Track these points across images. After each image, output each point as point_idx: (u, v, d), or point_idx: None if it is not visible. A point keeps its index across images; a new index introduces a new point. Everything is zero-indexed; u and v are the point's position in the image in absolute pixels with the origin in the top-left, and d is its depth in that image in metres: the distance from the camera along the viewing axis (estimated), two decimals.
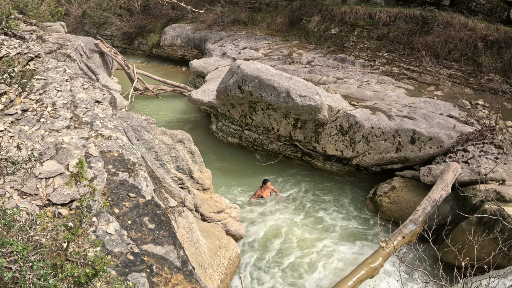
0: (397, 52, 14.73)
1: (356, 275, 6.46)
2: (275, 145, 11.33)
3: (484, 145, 8.57)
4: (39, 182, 4.24)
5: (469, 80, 13.28)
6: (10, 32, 7.78)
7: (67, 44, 12.05)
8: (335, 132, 9.99)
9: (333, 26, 17.06)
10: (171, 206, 6.27)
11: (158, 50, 22.44)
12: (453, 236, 7.35)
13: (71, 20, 26.26)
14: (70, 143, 4.99)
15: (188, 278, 4.01)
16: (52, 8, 13.21)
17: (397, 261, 7.07)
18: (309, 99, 9.64)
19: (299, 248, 7.90)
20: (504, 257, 6.60)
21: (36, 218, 3.42)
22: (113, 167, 4.83)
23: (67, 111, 5.69)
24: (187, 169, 7.87)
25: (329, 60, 15.47)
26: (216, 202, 8.14)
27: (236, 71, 10.67)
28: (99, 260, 3.15)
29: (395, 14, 15.35)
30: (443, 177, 7.97)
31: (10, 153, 4.38)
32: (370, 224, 8.74)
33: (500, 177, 8.09)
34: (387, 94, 12.02)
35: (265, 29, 19.50)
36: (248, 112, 11.03)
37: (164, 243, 4.18)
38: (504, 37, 13.03)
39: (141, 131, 7.52)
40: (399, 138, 9.28)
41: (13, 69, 5.79)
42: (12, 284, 2.81)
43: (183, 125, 13.32)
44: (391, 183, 9.15)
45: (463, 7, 14.92)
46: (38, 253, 3.10)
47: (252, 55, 16.30)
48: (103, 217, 4.11)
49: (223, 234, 7.32)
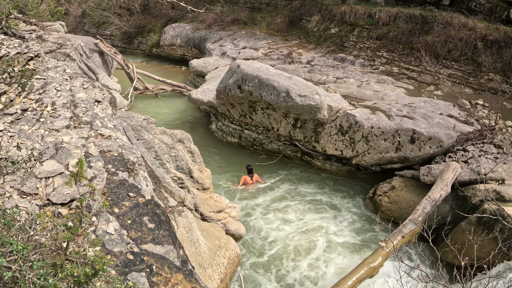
0: (397, 52, 14.74)
1: (355, 275, 6.46)
2: (274, 145, 11.33)
3: (483, 144, 8.57)
4: (39, 182, 4.24)
5: (469, 79, 13.29)
6: (9, 31, 7.77)
7: (66, 44, 12.04)
8: (334, 131, 9.99)
9: (333, 25, 17.06)
10: (170, 205, 6.27)
11: (158, 50, 22.44)
12: (452, 235, 7.35)
13: (70, 19, 26.24)
14: (69, 142, 4.98)
15: (188, 277, 4.01)
16: (52, 8, 13.20)
17: (397, 261, 7.07)
18: (308, 98, 9.64)
19: (298, 248, 7.90)
20: (503, 257, 6.60)
21: (36, 217, 3.42)
22: (112, 166, 4.83)
23: (67, 111, 5.69)
24: (186, 169, 7.87)
25: (329, 60, 15.47)
26: (216, 201, 8.14)
27: (236, 70, 10.67)
28: (99, 259, 3.15)
29: (394, 13, 15.35)
30: (443, 177, 7.98)
31: (10, 153, 4.38)
32: (369, 224, 8.74)
33: (500, 177, 8.09)
34: (387, 94, 12.03)
35: (264, 29, 19.50)
36: (247, 112, 11.03)
37: (164, 242, 4.18)
38: (504, 37, 13.04)
39: (140, 131, 7.52)
40: (398, 138, 9.29)
41: (12, 68, 5.78)
42: (12, 283, 2.81)
43: (182, 124, 13.31)
44: (390, 183, 9.15)
45: (463, 6, 14.93)
46: (38, 252, 3.10)
47: (251, 55, 16.30)
48: (103, 216, 4.11)
49: (222, 234, 7.32)
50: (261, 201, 9.38)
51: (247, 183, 9.89)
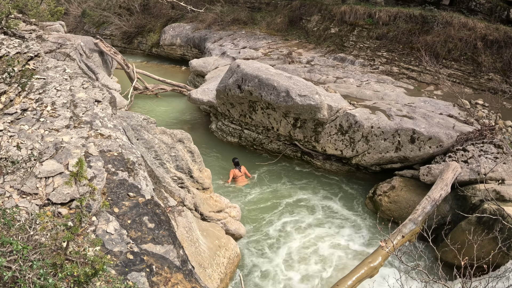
0: (397, 52, 14.74)
1: (355, 275, 6.46)
2: (274, 145, 11.33)
3: (483, 144, 8.57)
4: (39, 182, 4.24)
5: (469, 79, 13.29)
6: (9, 31, 7.77)
7: (66, 44, 12.04)
8: (334, 131, 9.99)
9: (333, 25, 17.06)
10: (170, 205, 6.27)
11: (158, 50, 22.44)
12: (452, 235, 7.35)
13: (70, 19, 26.24)
14: (69, 142, 4.99)
15: (188, 277, 4.01)
16: (52, 8, 13.20)
17: (397, 261, 7.07)
18: (308, 98, 9.64)
19: (298, 248, 7.91)
20: (503, 257, 6.61)
21: (35, 217, 3.42)
22: (112, 166, 4.83)
23: (67, 111, 5.69)
24: (186, 169, 7.87)
25: (329, 60, 15.47)
26: (216, 201, 8.14)
27: (236, 70, 10.67)
28: (98, 259, 3.15)
29: (394, 13, 15.35)
30: (443, 177, 7.98)
31: (9, 153, 4.38)
32: (369, 224, 8.74)
33: (500, 177, 8.10)
34: (387, 94, 12.03)
35: (264, 29, 19.50)
36: (247, 112, 11.03)
37: (164, 242, 4.18)
38: (503, 37, 13.04)
39: (140, 131, 7.52)
40: (398, 138, 9.29)
41: (12, 68, 5.78)
42: (12, 283, 2.81)
43: (182, 124, 13.32)
44: (390, 183, 9.15)
45: (463, 6, 14.92)
46: (38, 252, 3.10)
47: (251, 55, 16.30)
48: (102, 216, 4.11)
49: (222, 234, 7.32)
50: (261, 201, 9.38)
51: (236, 176, 10.04)
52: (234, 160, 10.24)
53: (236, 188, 9.82)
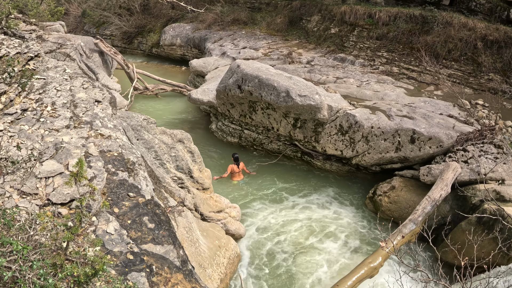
0: (397, 52, 14.74)
1: (355, 275, 6.47)
2: (274, 145, 11.33)
3: (483, 144, 8.57)
4: (39, 182, 4.24)
5: (469, 79, 13.29)
6: (9, 31, 7.77)
7: (66, 44, 12.04)
8: (334, 131, 9.99)
9: (333, 25, 17.06)
10: (170, 205, 6.27)
11: (158, 50, 22.44)
12: (452, 235, 7.35)
13: (70, 19, 26.25)
14: (69, 142, 4.98)
15: (188, 277, 4.01)
16: (52, 8, 13.21)
17: (397, 261, 7.07)
18: (308, 98, 9.64)
19: (298, 248, 7.91)
20: (503, 257, 6.60)
21: (35, 217, 3.41)
22: (112, 166, 4.83)
23: (67, 111, 5.69)
24: (186, 169, 7.87)
25: (329, 60, 15.47)
26: (216, 201, 8.14)
27: (236, 70, 10.67)
28: (98, 259, 3.15)
29: (394, 13, 15.35)
30: (443, 177, 7.98)
31: (9, 153, 4.38)
32: (369, 224, 8.74)
33: (500, 177, 8.09)
34: (387, 94, 12.03)
35: (264, 29, 19.50)
36: (247, 112, 11.03)
37: (164, 242, 4.18)
38: (503, 37, 13.04)
39: (140, 131, 7.52)
40: (398, 138, 9.29)
41: (12, 68, 5.78)
42: (12, 283, 2.81)
43: (182, 124, 13.32)
44: (390, 183, 9.15)
45: (463, 6, 14.92)
46: (38, 252, 3.09)
47: (251, 55, 16.30)
48: (102, 216, 4.11)
49: (222, 234, 7.32)
50: (261, 201, 9.38)
51: (234, 171, 10.09)
52: (234, 155, 10.25)
53: (236, 188, 9.82)
